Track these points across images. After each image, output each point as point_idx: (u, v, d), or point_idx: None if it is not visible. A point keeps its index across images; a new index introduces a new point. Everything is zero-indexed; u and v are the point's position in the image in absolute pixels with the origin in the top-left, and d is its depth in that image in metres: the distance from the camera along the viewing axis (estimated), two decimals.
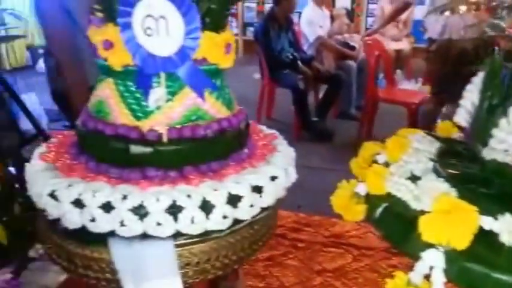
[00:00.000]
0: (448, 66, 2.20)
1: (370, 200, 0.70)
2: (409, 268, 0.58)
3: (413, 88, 4.22)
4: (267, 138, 0.84)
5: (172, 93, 0.66)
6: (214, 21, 0.65)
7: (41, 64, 6.16)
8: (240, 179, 0.67)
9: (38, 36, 6.02)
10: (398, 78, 4.61)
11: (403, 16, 4.56)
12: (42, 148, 0.74)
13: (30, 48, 5.97)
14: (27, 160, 0.92)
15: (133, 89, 0.66)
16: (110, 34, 0.61)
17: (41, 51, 6.28)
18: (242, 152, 0.74)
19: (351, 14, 5.93)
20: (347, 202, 0.71)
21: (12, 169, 1.10)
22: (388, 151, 0.80)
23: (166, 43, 0.58)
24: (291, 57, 4.21)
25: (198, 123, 0.68)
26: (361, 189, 0.72)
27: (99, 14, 0.63)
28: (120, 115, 0.66)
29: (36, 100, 4.65)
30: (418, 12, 4.89)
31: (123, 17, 0.58)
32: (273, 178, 0.70)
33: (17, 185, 0.98)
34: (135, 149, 0.65)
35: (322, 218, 1.18)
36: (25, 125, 3.92)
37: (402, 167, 0.75)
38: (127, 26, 0.58)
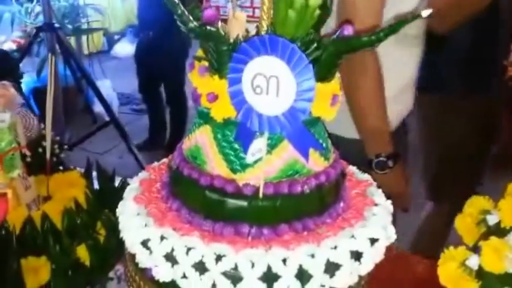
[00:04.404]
0: None
1: (485, 277, 0.62)
2: None
3: None
4: (361, 186, 0.78)
5: (271, 146, 0.62)
6: (323, 71, 0.60)
7: (116, 50, 6.43)
8: (338, 242, 0.62)
9: (114, 24, 6.28)
10: None
11: None
12: (134, 184, 0.73)
13: (107, 34, 6.28)
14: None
15: (231, 139, 0.62)
16: (215, 87, 0.58)
17: (116, 37, 6.56)
18: (338, 206, 0.69)
19: None
20: (456, 275, 0.64)
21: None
22: (503, 215, 0.71)
23: (276, 103, 0.53)
24: None
25: (295, 178, 0.64)
26: (474, 263, 0.64)
27: (204, 63, 0.60)
28: (217, 166, 0.63)
29: (109, 85, 4.88)
30: None
31: (234, 73, 0.54)
32: (373, 241, 0.64)
33: None
34: (230, 203, 0.62)
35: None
36: (97, 107, 4.12)
37: None
38: (236, 82, 0.54)
